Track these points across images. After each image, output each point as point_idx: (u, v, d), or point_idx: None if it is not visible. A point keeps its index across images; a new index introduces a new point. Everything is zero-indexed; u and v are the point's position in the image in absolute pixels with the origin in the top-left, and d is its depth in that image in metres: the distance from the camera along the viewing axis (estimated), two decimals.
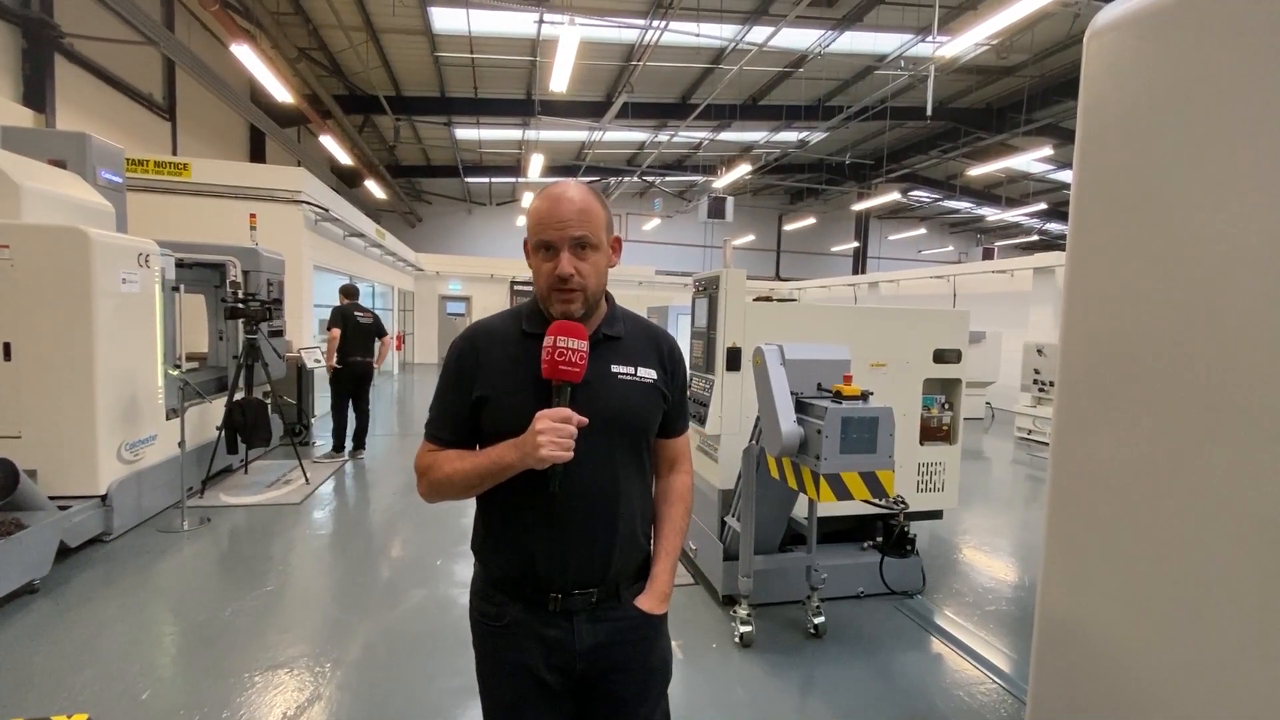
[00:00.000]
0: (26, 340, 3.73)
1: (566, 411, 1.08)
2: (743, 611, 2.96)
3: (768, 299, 3.30)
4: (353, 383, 6.37)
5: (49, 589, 3.33)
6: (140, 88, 9.19)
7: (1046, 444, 8.79)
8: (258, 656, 2.77)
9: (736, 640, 2.94)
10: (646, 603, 1.24)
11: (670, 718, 1.34)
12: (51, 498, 3.73)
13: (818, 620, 3.03)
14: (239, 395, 5.25)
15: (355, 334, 6.25)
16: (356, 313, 6.29)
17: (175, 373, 4.42)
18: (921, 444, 3.65)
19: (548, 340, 1.11)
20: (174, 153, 9.70)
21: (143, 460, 4.31)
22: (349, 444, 6.57)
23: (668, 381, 1.26)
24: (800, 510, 3.29)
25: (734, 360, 3.24)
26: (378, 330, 6.48)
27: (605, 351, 1.21)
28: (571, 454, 1.08)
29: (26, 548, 3.15)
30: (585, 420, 1.10)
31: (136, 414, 4.25)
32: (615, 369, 1.20)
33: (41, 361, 3.76)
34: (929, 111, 10.11)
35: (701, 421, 3.35)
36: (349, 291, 6.54)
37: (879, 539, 3.67)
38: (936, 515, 3.84)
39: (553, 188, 1.16)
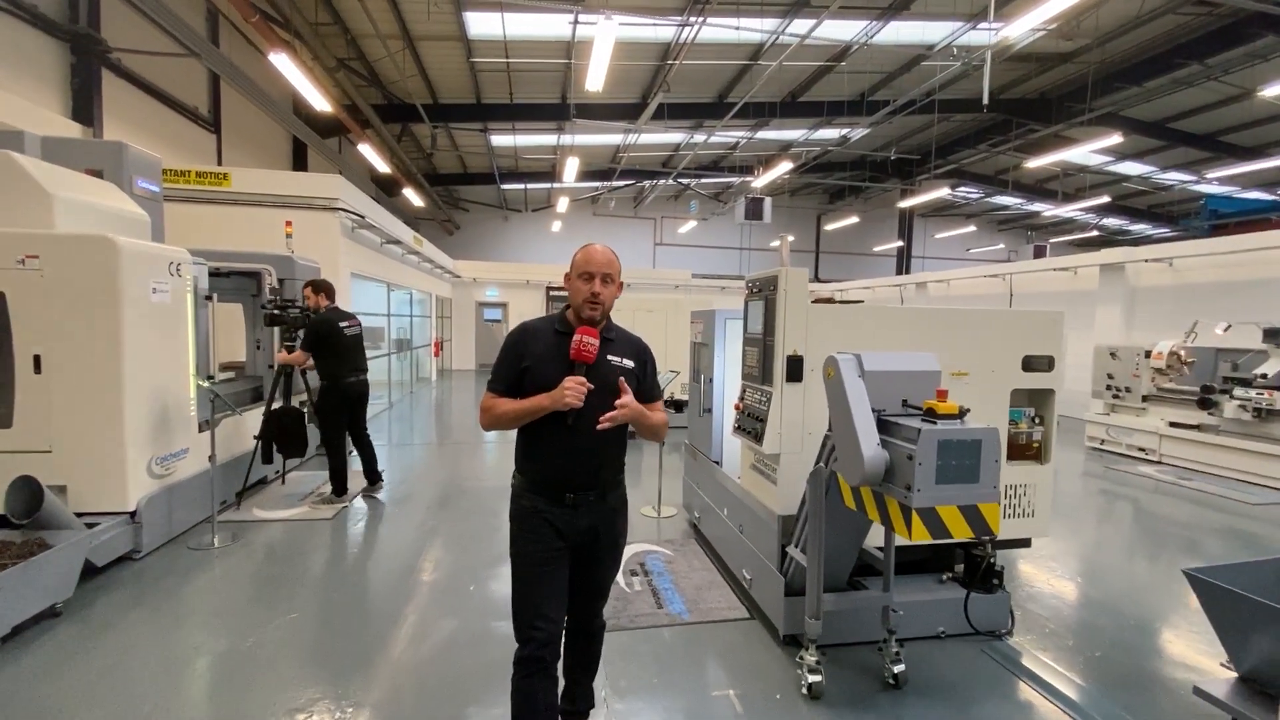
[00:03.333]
0: (56, 352, 3.64)
1: (582, 379, 1.82)
2: (810, 658, 2.60)
3: (829, 300, 2.93)
4: (349, 407, 5.17)
5: (73, 611, 3.20)
6: (186, 101, 9.36)
7: (1122, 455, 8.10)
8: (275, 698, 2.54)
9: (804, 691, 2.58)
10: (625, 396, 1.89)
11: (621, 564, 2.17)
12: (81, 514, 3.63)
13: (897, 669, 2.65)
14: (277, 404, 5.13)
15: (345, 349, 5.05)
16: (342, 323, 5.05)
17: (205, 384, 4.30)
18: (1009, 462, 3.23)
19: (576, 337, 1.86)
20: (219, 165, 9.85)
21: (174, 474, 4.19)
22: (350, 484, 5.39)
23: (641, 370, 2.03)
24: (872, 538, 2.91)
25: (795, 370, 2.89)
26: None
27: (605, 347, 1.95)
28: (582, 403, 1.82)
29: (47, 570, 3.01)
30: (591, 385, 1.84)
31: (167, 427, 4.13)
32: (610, 358, 1.96)
33: (71, 374, 3.66)
34: (985, 100, 9.51)
35: (757, 438, 3.01)
36: (327, 290, 5.23)
37: (957, 569, 3.26)
38: (1024, 544, 3.40)
39: (592, 245, 1.96)
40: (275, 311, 5.13)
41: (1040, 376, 3.24)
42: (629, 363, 1.97)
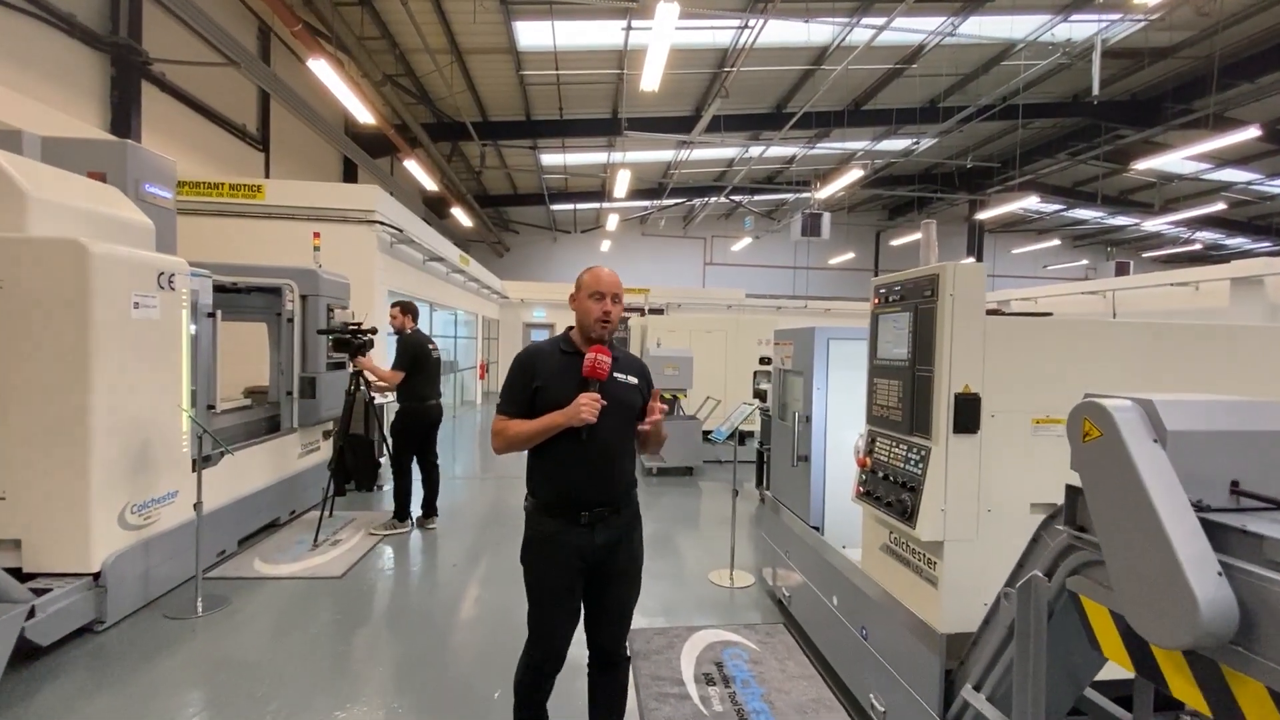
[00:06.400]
0: (17, 380, 3.03)
1: (596, 395, 1.90)
2: None
3: (997, 313, 1.99)
4: (425, 431, 5.06)
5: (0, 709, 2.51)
6: (234, 119, 9.15)
7: None
8: None
9: None
10: (652, 414, 2.00)
11: (641, 581, 2.13)
12: (34, 576, 2.99)
13: None
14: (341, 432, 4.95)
15: (434, 372, 5.05)
16: (429, 345, 5.04)
17: (188, 412, 3.65)
18: None
19: (590, 354, 1.94)
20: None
21: (155, 524, 3.53)
22: (416, 511, 5.18)
23: (645, 388, 2.10)
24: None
25: (967, 415, 1.94)
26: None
27: (612, 365, 2.00)
28: (596, 419, 1.89)
29: None
30: (605, 401, 1.91)
31: (150, 467, 3.48)
32: (616, 375, 2.02)
33: (32, 405, 3.04)
34: (1095, 90, 8.36)
35: (905, 515, 2.06)
36: (414, 311, 5.17)
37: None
38: None
39: (599, 267, 2.08)
40: (347, 336, 4.86)
41: None
42: (633, 379, 2.05)
